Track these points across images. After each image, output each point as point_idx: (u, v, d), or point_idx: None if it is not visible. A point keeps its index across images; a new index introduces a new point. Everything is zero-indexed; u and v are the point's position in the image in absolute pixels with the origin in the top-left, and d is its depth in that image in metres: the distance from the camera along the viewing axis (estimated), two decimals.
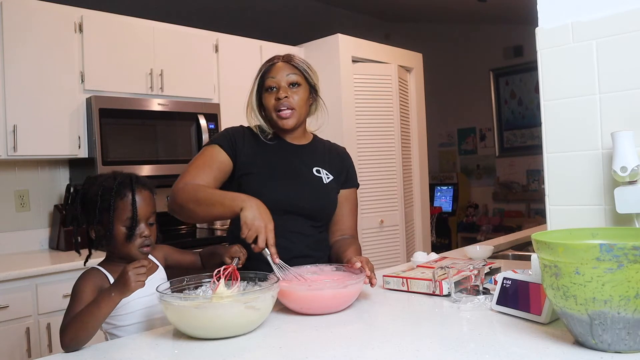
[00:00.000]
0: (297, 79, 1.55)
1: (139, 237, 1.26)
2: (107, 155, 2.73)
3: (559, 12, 1.34)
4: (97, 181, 1.27)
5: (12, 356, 2.21)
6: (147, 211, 1.28)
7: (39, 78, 2.62)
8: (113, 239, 1.24)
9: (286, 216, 1.51)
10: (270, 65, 1.56)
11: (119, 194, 1.25)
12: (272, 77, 1.54)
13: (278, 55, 1.60)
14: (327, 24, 4.42)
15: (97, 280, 1.22)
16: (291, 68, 1.55)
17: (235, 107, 3.21)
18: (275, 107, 1.53)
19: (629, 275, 0.85)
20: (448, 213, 6.22)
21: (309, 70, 1.58)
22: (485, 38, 6.10)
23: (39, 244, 2.91)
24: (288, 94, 1.53)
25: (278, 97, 1.52)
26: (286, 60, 1.57)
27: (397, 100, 3.89)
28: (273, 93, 1.54)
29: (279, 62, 1.56)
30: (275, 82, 1.54)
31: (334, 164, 1.66)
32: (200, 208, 1.40)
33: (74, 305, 1.16)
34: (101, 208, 1.24)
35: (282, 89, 1.53)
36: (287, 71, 1.54)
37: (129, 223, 1.25)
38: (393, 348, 1.02)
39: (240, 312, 1.12)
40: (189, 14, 4.27)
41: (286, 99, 1.52)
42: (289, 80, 1.54)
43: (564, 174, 1.34)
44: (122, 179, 1.27)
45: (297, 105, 1.54)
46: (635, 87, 1.23)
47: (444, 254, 2.01)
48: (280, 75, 1.54)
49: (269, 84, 1.54)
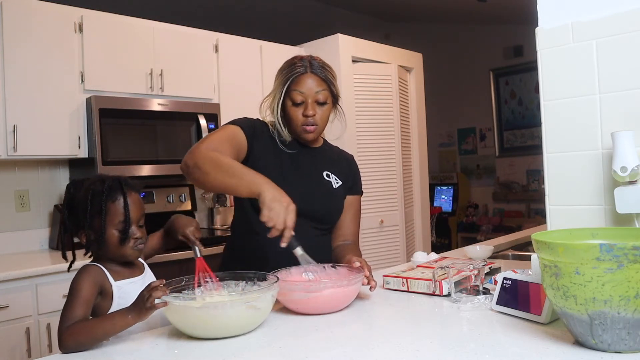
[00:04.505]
0: (324, 96, 1.53)
1: (132, 240, 1.24)
2: (107, 155, 2.73)
3: (559, 12, 1.34)
4: (84, 185, 1.24)
5: (12, 356, 2.21)
6: (138, 213, 1.26)
7: (39, 78, 2.62)
8: (105, 243, 1.22)
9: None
10: (297, 76, 1.52)
11: (110, 198, 1.22)
12: (300, 91, 1.51)
13: (301, 58, 1.55)
14: (327, 24, 4.41)
15: (96, 276, 1.21)
16: (319, 83, 1.52)
17: (236, 107, 3.23)
18: (303, 123, 1.53)
19: (629, 275, 0.85)
20: (448, 213, 6.22)
21: (333, 80, 1.56)
22: (485, 38, 6.10)
23: (39, 244, 2.91)
24: (316, 111, 1.52)
25: (306, 115, 1.51)
26: (312, 71, 1.52)
27: (397, 100, 3.89)
28: (300, 108, 1.53)
29: (306, 72, 1.52)
30: (302, 96, 1.51)
31: (343, 170, 1.67)
32: (219, 173, 1.35)
33: (73, 302, 1.15)
34: (92, 212, 1.21)
35: (310, 105, 1.51)
36: (315, 87, 1.52)
37: (122, 226, 1.22)
38: (393, 348, 1.02)
39: (240, 312, 1.12)
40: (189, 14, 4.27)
41: (313, 117, 1.52)
42: (316, 98, 1.52)
43: (564, 174, 1.34)
44: (111, 182, 1.24)
45: (322, 122, 1.56)
46: (635, 87, 1.23)
47: (444, 254, 2.01)
48: (307, 89, 1.51)
49: (296, 98, 1.52)
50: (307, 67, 1.52)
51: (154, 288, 1.09)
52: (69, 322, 1.11)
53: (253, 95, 3.23)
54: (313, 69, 1.53)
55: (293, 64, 1.54)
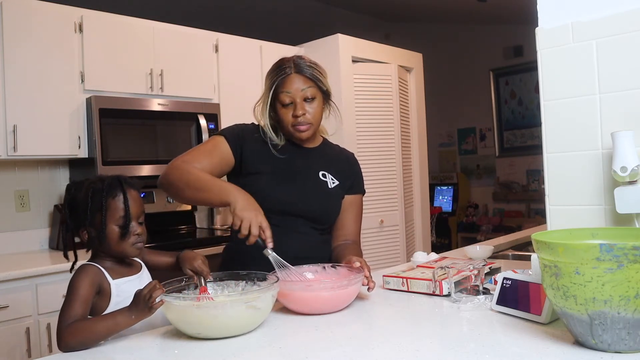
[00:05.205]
0: (312, 92, 1.53)
1: (132, 235, 1.26)
2: (107, 155, 2.73)
3: (559, 12, 1.34)
4: (84, 185, 1.27)
5: (12, 356, 2.21)
6: (138, 210, 1.28)
7: (39, 78, 2.62)
8: (106, 239, 1.24)
9: (288, 217, 1.53)
10: (283, 78, 1.52)
11: (110, 194, 1.25)
12: (287, 92, 1.52)
13: (287, 60, 1.55)
14: (327, 24, 4.41)
15: (94, 275, 1.22)
16: (305, 81, 1.52)
17: (235, 107, 3.23)
18: (293, 123, 1.53)
19: (629, 275, 0.85)
20: (448, 213, 6.22)
21: (321, 76, 1.56)
22: (485, 38, 6.10)
23: (39, 244, 2.91)
24: (305, 109, 1.52)
25: (295, 115, 1.52)
26: (298, 71, 1.52)
27: (397, 100, 3.89)
28: (289, 109, 1.53)
29: (291, 73, 1.52)
30: (290, 97, 1.52)
31: (341, 170, 1.67)
32: (188, 190, 1.44)
33: (72, 301, 1.16)
34: (92, 209, 1.23)
35: (299, 105, 1.51)
36: (301, 85, 1.52)
37: (122, 222, 1.24)
38: (393, 348, 1.02)
39: (241, 312, 1.12)
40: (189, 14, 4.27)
41: (303, 116, 1.52)
42: (304, 95, 1.52)
43: (564, 174, 1.34)
44: (111, 180, 1.28)
45: (314, 119, 1.55)
46: (635, 87, 1.23)
47: (444, 254, 2.01)
48: (294, 90, 1.51)
49: (284, 100, 1.52)
50: (292, 68, 1.53)
51: (153, 287, 1.10)
52: (69, 321, 1.12)
53: (253, 95, 3.18)
54: (298, 68, 1.53)
55: (279, 67, 1.55)
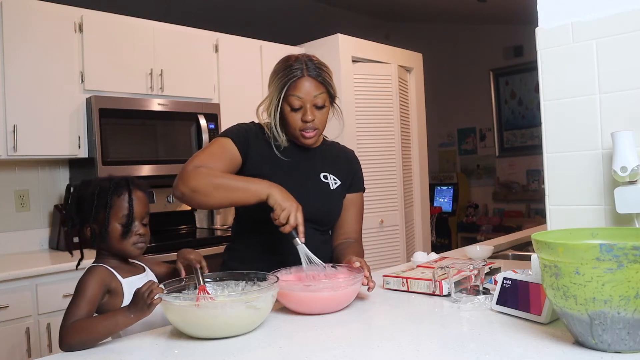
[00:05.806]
0: (323, 99, 1.51)
1: (134, 235, 1.27)
2: (107, 155, 2.73)
3: (559, 12, 1.34)
4: (93, 183, 1.30)
5: (12, 356, 2.21)
6: (142, 211, 1.29)
7: (39, 78, 2.62)
8: (108, 236, 1.25)
9: None
10: (294, 80, 1.48)
11: (115, 192, 1.27)
12: (298, 96, 1.48)
13: (297, 60, 1.51)
14: (327, 24, 4.41)
15: (103, 277, 1.22)
16: (317, 86, 1.49)
17: (235, 107, 3.23)
18: (301, 128, 1.52)
19: (629, 275, 0.85)
20: (448, 213, 6.22)
21: (330, 80, 1.54)
22: (485, 38, 6.10)
23: (39, 244, 2.91)
24: (314, 115, 1.51)
25: (305, 120, 1.50)
26: (310, 74, 1.49)
27: (397, 100, 3.89)
28: (298, 113, 1.50)
29: (303, 76, 1.48)
30: (301, 102, 1.49)
31: (342, 169, 1.66)
32: (217, 193, 1.39)
33: (79, 301, 1.16)
34: (98, 206, 1.25)
35: (309, 110, 1.49)
36: (313, 90, 1.49)
37: (125, 220, 1.26)
38: (393, 348, 1.02)
39: (241, 312, 1.12)
40: (189, 14, 4.27)
41: (312, 122, 1.51)
42: (315, 102, 1.50)
43: (564, 174, 1.34)
44: (119, 179, 1.30)
45: (321, 125, 1.55)
46: (635, 87, 1.23)
47: (444, 254, 2.01)
48: (305, 94, 1.48)
49: (294, 104, 1.49)
50: (304, 70, 1.49)
51: (152, 285, 1.11)
52: (72, 320, 1.12)
53: (253, 95, 3.22)
54: (310, 71, 1.49)
55: (289, 67, 1.50)
